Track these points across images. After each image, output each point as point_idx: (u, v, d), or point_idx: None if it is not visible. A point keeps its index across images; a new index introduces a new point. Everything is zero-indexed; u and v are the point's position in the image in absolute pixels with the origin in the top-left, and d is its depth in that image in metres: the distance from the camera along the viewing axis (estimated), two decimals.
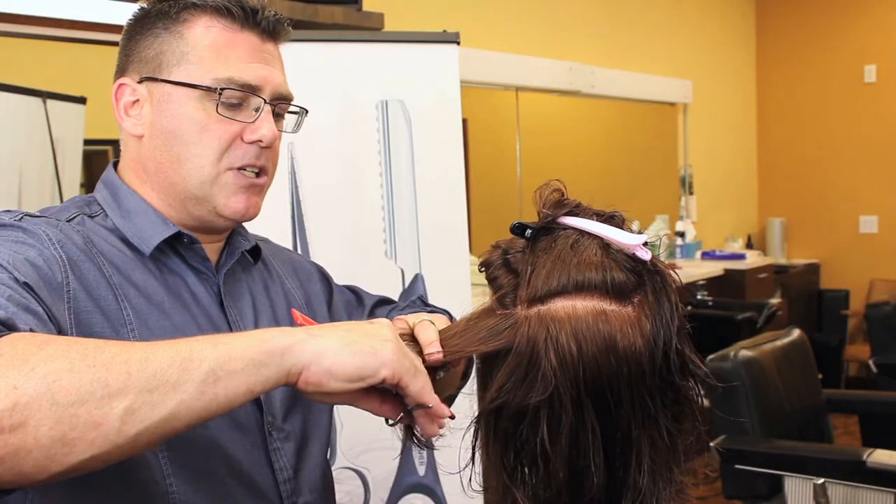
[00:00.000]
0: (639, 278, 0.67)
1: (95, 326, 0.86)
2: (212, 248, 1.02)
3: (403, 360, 0.73)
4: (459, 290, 2.21)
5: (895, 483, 2.19)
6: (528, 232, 0.70)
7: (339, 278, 1.25)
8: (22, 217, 0.88)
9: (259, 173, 0.98)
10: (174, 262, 0.98)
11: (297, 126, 1.06)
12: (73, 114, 2.71)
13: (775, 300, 4.77)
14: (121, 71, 1.01)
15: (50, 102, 2.61)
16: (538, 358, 0.65)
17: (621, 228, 0.68)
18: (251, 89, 0.95)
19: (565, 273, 0.66)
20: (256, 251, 1.11)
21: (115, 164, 1.03)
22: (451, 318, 1.12)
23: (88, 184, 2.87)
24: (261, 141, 0.95)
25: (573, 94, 4.37)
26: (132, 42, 1.00)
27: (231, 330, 0.99)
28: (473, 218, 2.70)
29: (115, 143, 1.00)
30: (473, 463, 0.73)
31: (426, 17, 3.46)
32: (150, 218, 0.96)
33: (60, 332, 0.81)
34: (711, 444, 2.36)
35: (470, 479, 0.73)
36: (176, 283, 0.97)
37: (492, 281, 0.71)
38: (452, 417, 0.79)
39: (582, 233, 0.68)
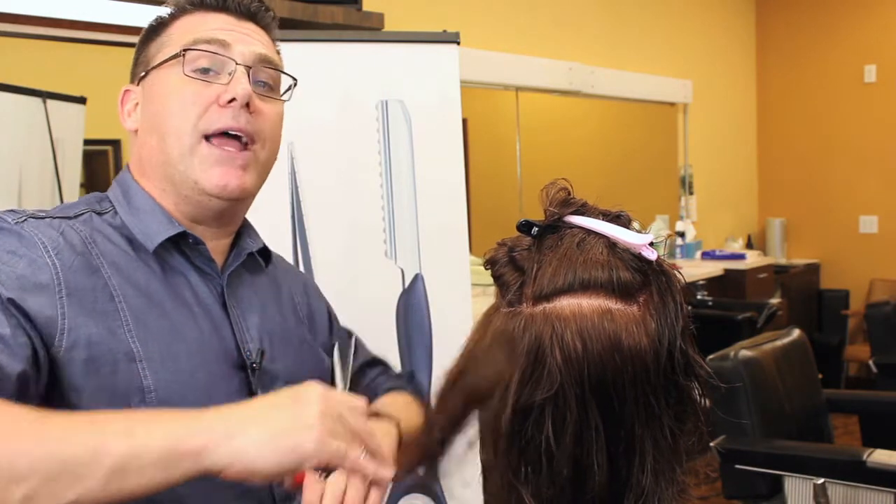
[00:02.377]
0: (644, 278, 0.67)
1: (92, 330, 0.86)
2: (218, 248, 1.02)
3: (329, 445, 0.74)
4: (459, 290, 2.21)
5: (895, 483, 2.19)
6: (535, 230, 0.70)
7: (340, 278, 1.25)
8: (25, 219, 0.89)
9: (246, 144, 0.96)
10: (178, 261, 0.97)
11: (289, 94, 1.05)
12: (73, 114, 2.71)
13: (775, 300, 4.77)
14: (130, 82, 1.04)
15: (50, 102, 2.60)
16: (544, 356, 0.65)
17: (627, 228, 0.68)
18: (219, 45, 0.95)
19: (571, 271, 0.66)
20: (266, 253, 1.10)
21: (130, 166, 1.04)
22: (422, 397, 1.16)
23: (88, 184, 2.87)
24: (234, 100, 0.94)
25: (573, 94, 4.37)
26: (137, 54, 1.03)
27: (233, 331, 0.99)
28: (473, 218, 2.70)
29: (115, 143, 1.02)
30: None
31: (426, 17, 3.46)
32: (157, 216, 0.96)
33: (46, 343, 0.82)
34: (712, 444, 2.36)
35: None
36: (178, 282, 0.96)
37: (497, 278, 0.70)
38: (395, 480, 0.81)
39: (588, 231, 0.68)
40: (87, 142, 2.77)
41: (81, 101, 2.71)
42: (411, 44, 2.23)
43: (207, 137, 0.95)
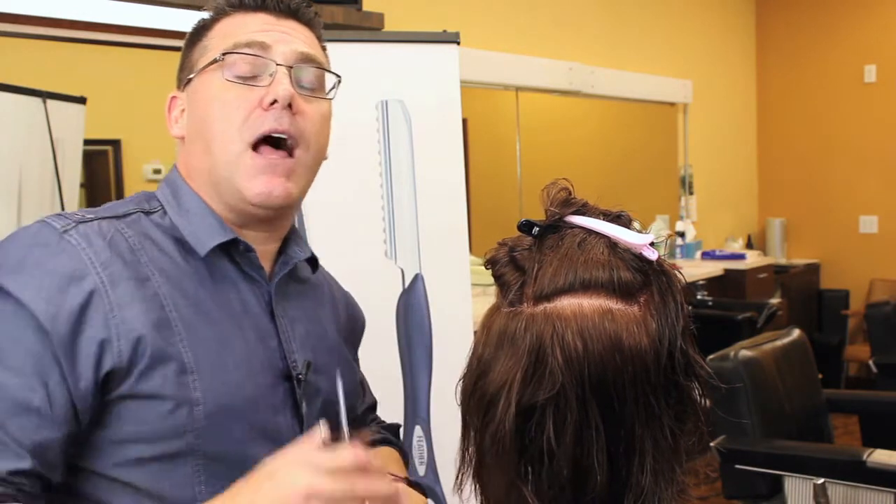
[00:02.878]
0: (645, 278, 0.67)
1: (145, 342, 0.85)
2: (265, 255, 1.00)
3: None
4: (459, 290, 2.21)
5: (895, 483, 2.19)
6: (536, 230, 0.70)
7: (340, 278, 1.25)
8: (74, 225, 0.88)
9: (291, 149, 0.95)
10: (227, 267, 0.96)
11: (332, 92, 1.02)
12: (73, 114, 2.71)
13: (775, 300, 4.77)
14: (176, 87, 1.03)
15: (50, 102, 2.60)
16: (545, 356, 0.65)
17: (628, 228, 0.68)
18: (258, 48, 0.94)
19: (572, 271, 0.66)
20: (314, 261, 1.09)
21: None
22: (403, 454, 1.15)
23: (88, 184, 2.87)
24: (276, 101, 0.92)
25: (573, 94, 4.37)
26: (182, 59, 1.02)
27: (280, 341, 0.97)
28: (473, 218, 2.70)
29: (115, 143, 1.01)
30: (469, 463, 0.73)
31: (426, 17, 3.46)
32: (208, 220, 0.95)
33: (99, 370, 0.83)
34: (712, 444, 2.36)
35: (460, 480, 0.73)
36: (226, 289, 0.95)
37: (498, 278, 0.70)
38: None
39: (589, 231, 0.68)
40: (87, 142, 2.77)
41: (81, 101, 2.71)
42: (411, 44, 2.23)
43: (254, 146, 0.93)
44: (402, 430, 1.34)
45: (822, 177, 5.66)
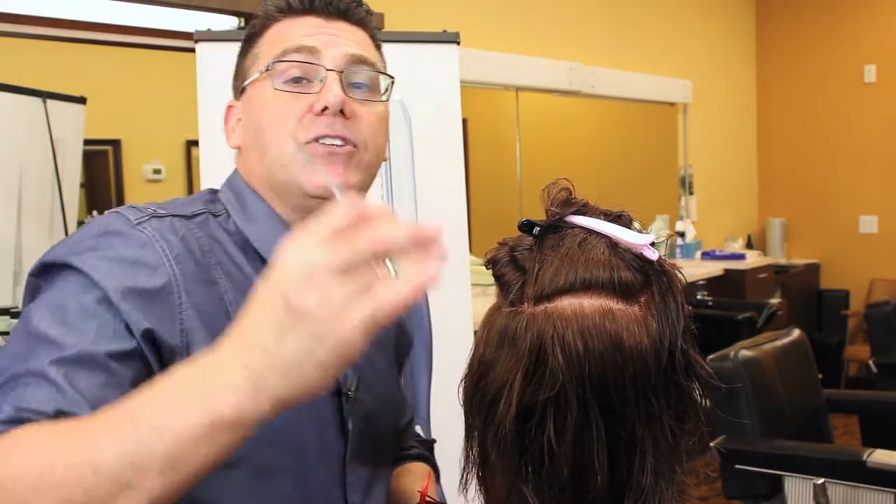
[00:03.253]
0: (646, 278, 0.67)
1: (202, 345, 0.83)
2: None
3: (362, 313, 0.55)
4: (459, 290, 2.21)
5: (895, 483, 2.19)
6: (536, 229, 0.70)
7: None
8: (148, 218, 0.87)
9: (344, 145, 0.92)
10: None
11: (387, 94, 0.98)
12: (73, 114, 2.71)
13: (775, 300, 4.77)
14: (233, 97, 1.03)
15: (50, 102, 2.61)
16: (545, 355, 0.65)
17: (629, 228, 0.68)
18: (308, 53, 0.92)
19: (573, 271, 0.66)
20: None
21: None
22: (436, 471, 1.14)
23: (88, 184, 2.87)
24: (327, 108, 0.90)
25: (573, 94, 4.37)
26: (235, 68, 1.01)
27: None
28: (473, 218, 2.70)
29: (115, 143, 1.01)
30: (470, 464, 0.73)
31: (426, 17, 3.46)
32: (275, 225, 0.94)
33: (166, 352, 0.81)
34: (712, 444, 2.36)
35: (465, 480, 0.73)
36: None
37: (498, 278, 0.70)
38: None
39: (589, 231, 0.68)
40: (87, 142, 2.77)
41: (81, 101, 2.71)
42: (411, 44, 2.23)
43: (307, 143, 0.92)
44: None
45: (822, 177, 5.66)
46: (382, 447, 1.04)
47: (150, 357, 0.81)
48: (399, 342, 1.15)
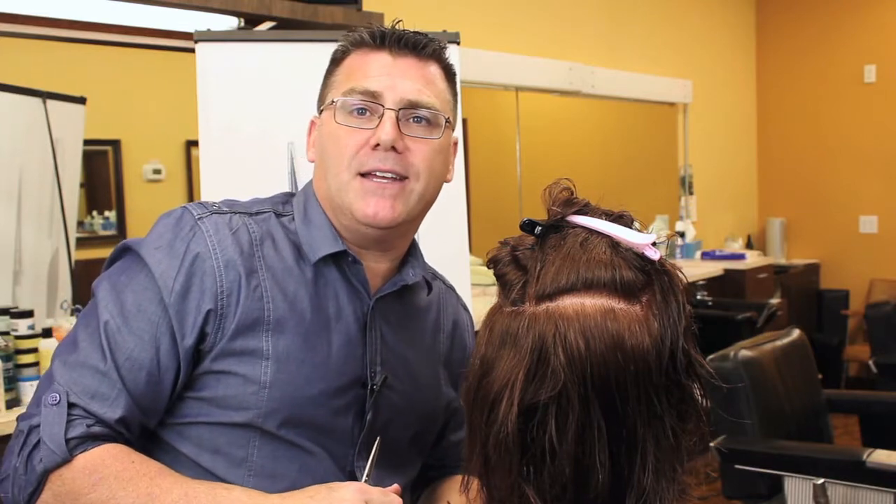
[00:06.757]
0: (647, 277, 0.67)
1: (238, 323, 0.99)
2: (378, 271, 1.08)
3: None
4: (459, 290, 2.20)
5: (895, 483, 2.19)
6: (538, 229, 0.70)
7: None
8: (210, 214, 1.02)
9: (394, 179, 1.02)
10: (334, 274, 1.05)
11: (440, 132, 1.06)
12: (73, 114, 2.71)
13: (775, 300, 4.77)
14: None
15: (50, 102, 2.61)
16: (547, 355, 0.65)
17: (630, 228, 0.68)
18: (370, 96, 1.02)
19: (574, 271, 0.66)
20: (428, 284, 1.17)
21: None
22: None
23: (88, 184, 2.87)
24: (378, 144, 1.00)
25: (573, 94, 4.37)
26: (321, 87, 1.12)
27: (365, 351, 1.06)
28: (473, 218, 2.70)
29: (115, 143, 1.03)
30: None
31: (426, 17, 3.46)
32: (326, 233, 1.06)
33: (201, 335, 0.99)
34: (712, 444, 2.36)
35: (466, 479, 0.73)
36: (327, 294, 1.05)
37: (500, 277, 0.71)
38: None
39: (591, 231, 0.69)
40: (87, 142, 2.77)
41: (81, 101, 2.71)
42: None
43: (362, 174, 1.02)
44: None
45: (822, 177, 5.66)
46: (396, 443, 1.11)
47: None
48: (449, 358, 1.21)
